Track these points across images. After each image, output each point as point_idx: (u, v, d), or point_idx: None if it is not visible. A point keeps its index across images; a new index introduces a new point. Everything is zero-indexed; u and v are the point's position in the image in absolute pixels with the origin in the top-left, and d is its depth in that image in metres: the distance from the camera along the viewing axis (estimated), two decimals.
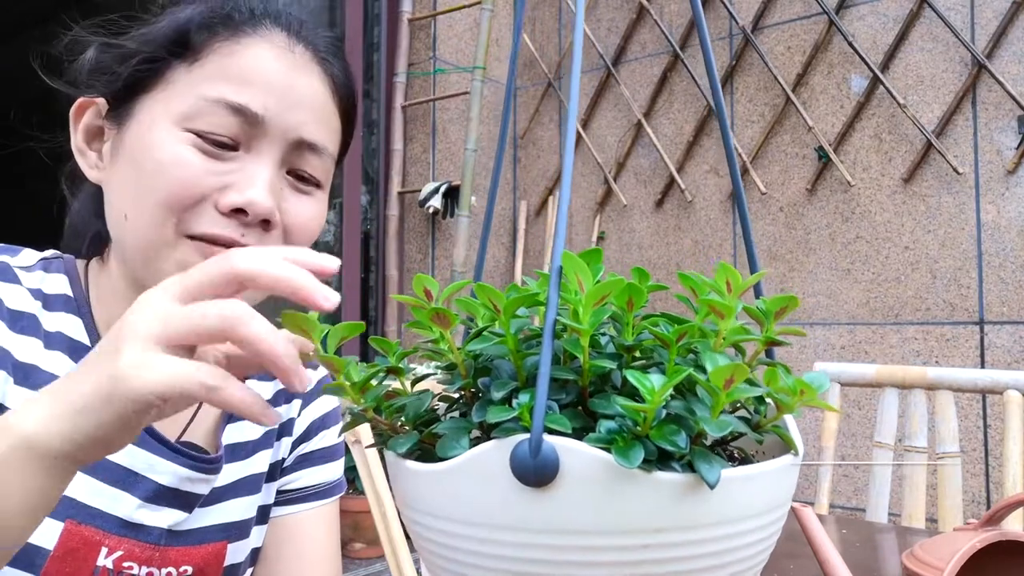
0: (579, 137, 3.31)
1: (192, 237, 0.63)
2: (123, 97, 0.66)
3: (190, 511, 0.71)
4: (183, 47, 0.64)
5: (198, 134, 0.62)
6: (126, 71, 0.66)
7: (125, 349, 0.42)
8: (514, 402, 0.39)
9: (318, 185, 0.69)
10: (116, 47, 0.68)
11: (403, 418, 0.44)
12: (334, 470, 0.85)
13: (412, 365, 0.49)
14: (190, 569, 0.70)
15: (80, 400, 0.43)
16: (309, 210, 0.68)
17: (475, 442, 0.40)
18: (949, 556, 0.58)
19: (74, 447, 0.43)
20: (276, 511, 0.80)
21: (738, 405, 0.48)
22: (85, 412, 0.43)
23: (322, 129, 0.68)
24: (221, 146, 0.63)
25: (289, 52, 0.66)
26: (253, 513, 0.77)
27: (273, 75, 0.64)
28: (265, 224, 0.64)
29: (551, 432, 0.37)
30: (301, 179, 0.68)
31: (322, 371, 0.86)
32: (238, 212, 0.63)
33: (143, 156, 0.63)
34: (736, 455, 0.48)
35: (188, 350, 0.44)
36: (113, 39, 0.68)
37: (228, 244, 0.63)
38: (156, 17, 0.68)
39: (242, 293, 0.45)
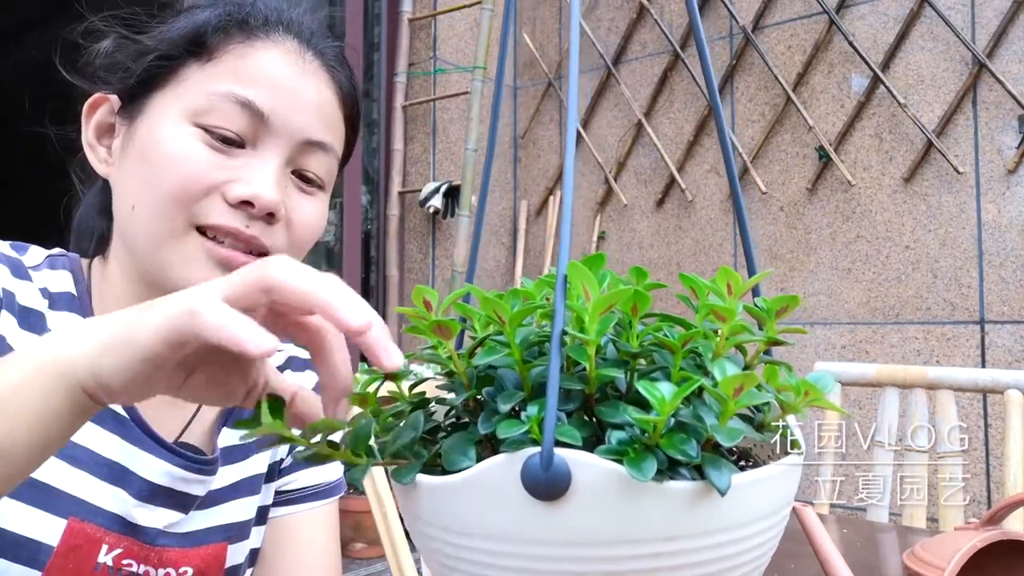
0: (579, 137, 3.30)
1: (200, 227, 0.64)
2: (136, 93, 0.68)
3: (186, 512, 0.71)
4: (199, 46, 0.67)
5: (206, 129, 0.64)
6: (140, 67, 0.68)
7: (196, 293, 0.42)
8: (522, 414, 0.38)
9: (321, 187, 0.71)
10: (133, 42, 0.70)
11: (400, 443, 0.42)
12: (333, 470, 0.84)
13: (412, 367, 0.48)
14: (190, 570, 0.70)
15: (141, 335, 0.42)
16: (312, 210, 0.70)
17: (480, 451, 0.40)
18: (950, 555, 0.58)
19: (111, 381, 0.43)
20: (275, 511, 0.80)
21: None
22: (136, 347, 0.42)
23: (328, 132, 0.70)
24: (229, 142, 0.65)
25: (299, 58, 0.69)
26: (253, 514, 0.77)
27: (283, 78, 0.67)
28: (270, 217, 0.66)
29: (561, 444, 0.36)
30: (306, 180, 0.70)
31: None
32: (245, 204, 0.65)
33: (152, 149, 0.65)
34: (734, 449, 0.48)
35: None
36: (131, 34, 0.70)
37: (233, 234, 0.65)
38: (173, 16, 0.70)
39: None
